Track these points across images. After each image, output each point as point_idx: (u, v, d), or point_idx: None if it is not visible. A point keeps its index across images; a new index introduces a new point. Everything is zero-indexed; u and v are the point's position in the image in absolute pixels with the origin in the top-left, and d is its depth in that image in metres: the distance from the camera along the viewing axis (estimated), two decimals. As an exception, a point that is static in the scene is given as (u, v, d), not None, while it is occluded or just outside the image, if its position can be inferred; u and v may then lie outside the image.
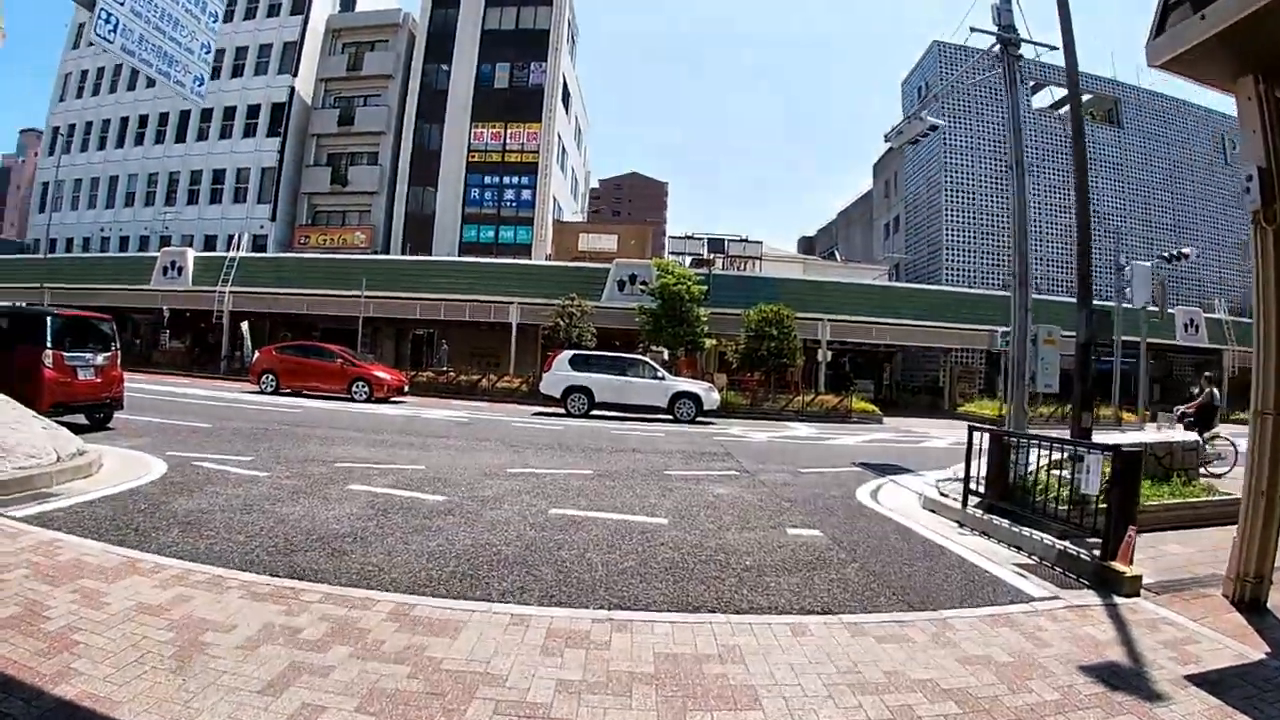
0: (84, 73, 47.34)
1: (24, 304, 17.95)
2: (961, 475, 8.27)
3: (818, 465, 12.17)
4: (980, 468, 7.93)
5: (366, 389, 21.86)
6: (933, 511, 8.40)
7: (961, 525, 7.68)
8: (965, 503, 7.97)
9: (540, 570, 5.33)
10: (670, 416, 19.77)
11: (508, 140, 39.90)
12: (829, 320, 29.31)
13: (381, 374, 22.98)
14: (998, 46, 11.96)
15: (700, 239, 40.04)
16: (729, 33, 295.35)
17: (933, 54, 41.84)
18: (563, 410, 20.13)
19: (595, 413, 19.90)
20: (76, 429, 10.36)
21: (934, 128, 13.74)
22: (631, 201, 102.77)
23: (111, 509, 6.62)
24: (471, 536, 6.18)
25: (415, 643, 3.85)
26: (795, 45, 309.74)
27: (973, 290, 34.70)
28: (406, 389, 23.69)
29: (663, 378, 20.43)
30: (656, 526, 6.92)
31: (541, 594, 4.80)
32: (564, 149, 44.01)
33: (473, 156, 40.14)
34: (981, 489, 7.91)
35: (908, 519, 7.98)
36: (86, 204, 46.31)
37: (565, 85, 42.58)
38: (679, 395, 19.97)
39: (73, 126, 47.28)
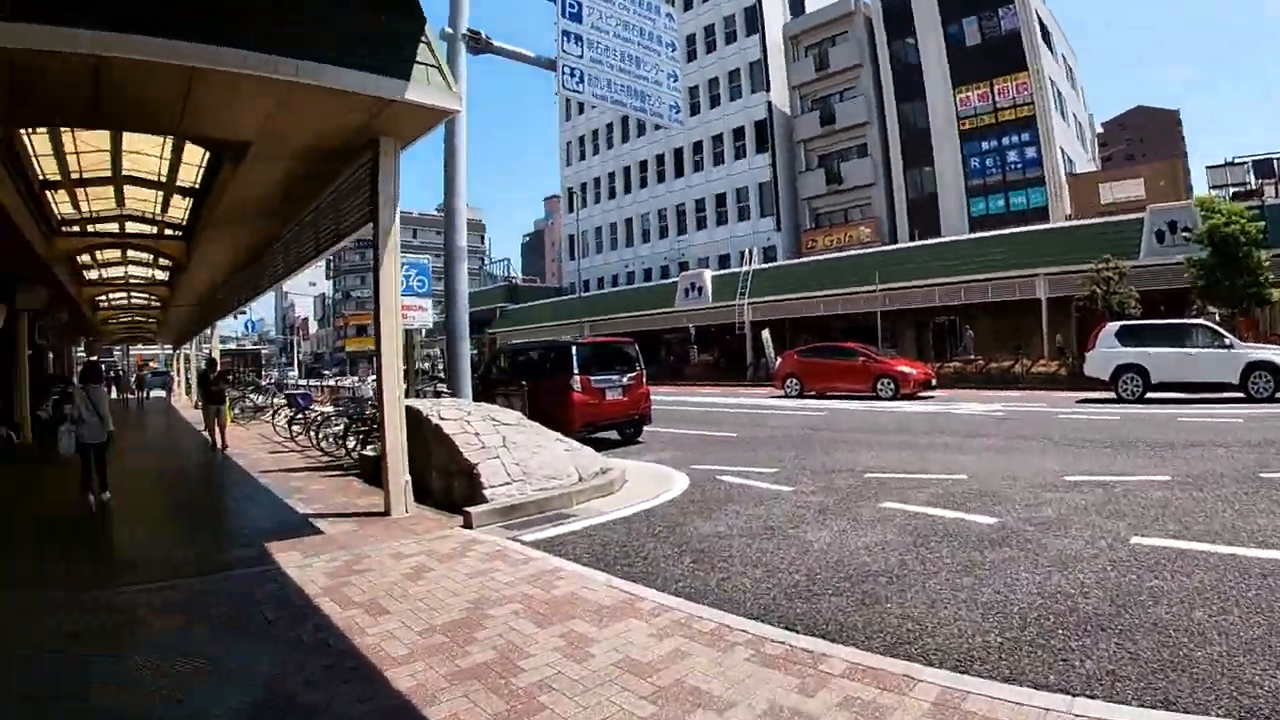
0: (580, 138, 60.76)
1: (569, 337, 20.98)
2: None
3: None
4: None
5: (892, 386, 22.75)
6: None
7: None
8: None
9: (1133, 639, 4.06)
10: (1242, 394, 17.44)
11: (996, 98, 38.94)
12: None
13: (905, 369, 23.60)
14: None
15: (1242, 164, 34.09)
16: None
17: None
18: (1112, 394, 18.93)
19: (1149, 395, 18.44)
20: (607, 445, 12.25)
21: None
22: (1142, 141, 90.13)
23: (625, 532, 6.83)
24: (1035, 580, 5.14)
25: (968, 762, 2.95)
26: None
27: None
28: (933, 382, 23.99)
29: (1231, 345, 18.01)
30: (1276, 566, 5.20)
31: (1139, 680, 3.58)
32: (1059, 93, 41.32)
33: (963, 124, 39.96)
34: None
35: None
36: (609, 246, 58.33)
37: (1041, 23, 40.06)
38: (1254, 366, 17.44)
39: (583, 185, 60.08)
